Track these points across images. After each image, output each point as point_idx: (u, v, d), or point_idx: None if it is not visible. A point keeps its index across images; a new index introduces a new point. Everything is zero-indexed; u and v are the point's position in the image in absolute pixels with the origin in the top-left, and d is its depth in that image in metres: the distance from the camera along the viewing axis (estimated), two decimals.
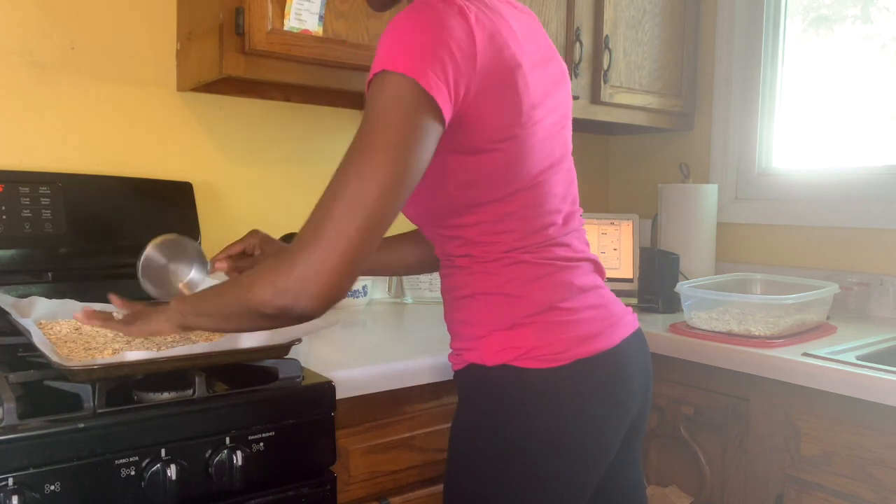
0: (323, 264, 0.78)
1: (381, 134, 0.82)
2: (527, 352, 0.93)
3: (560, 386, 0.93)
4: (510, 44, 0.91)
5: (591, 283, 1.01)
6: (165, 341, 1.10)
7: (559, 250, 0.99)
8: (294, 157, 1.81)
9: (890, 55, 1.91)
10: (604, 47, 1.89)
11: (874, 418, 1.22)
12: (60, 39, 1.48)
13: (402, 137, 0.81)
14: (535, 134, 0.95)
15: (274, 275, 0.80)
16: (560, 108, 1.02)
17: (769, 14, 2.09)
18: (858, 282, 1.78)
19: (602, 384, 0.96)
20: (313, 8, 1.41)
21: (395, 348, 1.33)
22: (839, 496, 1.28)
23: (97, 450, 0.88)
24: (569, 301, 0.97)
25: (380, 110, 0.83)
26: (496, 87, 0.89)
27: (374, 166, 0.80)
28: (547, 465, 0.94)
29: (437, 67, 0.83)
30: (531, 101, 0.93)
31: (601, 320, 0.99)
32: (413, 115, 0.82)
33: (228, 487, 0.96)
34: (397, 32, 0.85)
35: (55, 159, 1.49)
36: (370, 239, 0.80)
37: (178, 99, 1.63)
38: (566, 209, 1.02)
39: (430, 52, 0.83)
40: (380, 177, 0.80)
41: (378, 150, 0.81)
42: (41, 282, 1.38)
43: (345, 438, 1.14)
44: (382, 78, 0.84)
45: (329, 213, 0.81)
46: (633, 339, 1.03)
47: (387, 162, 0.80)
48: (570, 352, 0.94)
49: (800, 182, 2.00)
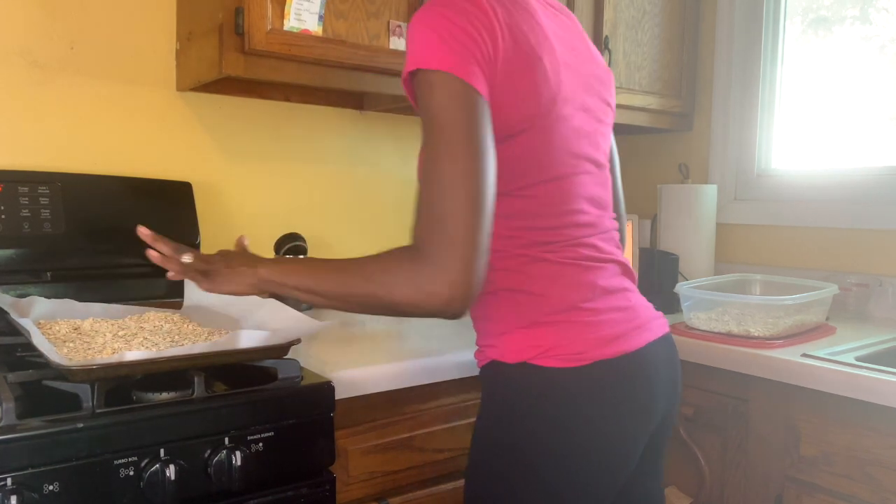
0: (464, 264, 0.82)
1: (451, 134, 0.85)
2: (546, 350, 0.93)
3: (579, 386, 0.93)
4: (530, 38, 0.92)
5: (617, 286, 1.01)
6: (164, 342, 1.09)
7: (584, 250, 0.99)
8: (294, 157, 1.81)
9: (889, 56, 1.92)
10: (604, 48, 1.89)
11: (873, 419, 1.22)
12: (60, 39, 1.48)
13: (468, 130, 0.85)
14: (557, 130, 0.95)
15: (417, 276, 0.83)
16: (596, 113, 1.03)
17: (768, 15, 2.09)
18: (857, 282, 1.78)
19: (622, 387, 0.96)
20: (313, 8, 1.41)
21: (395, 349, 1.33)
22: (838, 497, 1.28)
23: (96, 450, 0.88)
24: (591, 301, 0.97)
25: (438, 112, 0.86)
26: (513, 78, 0.90)
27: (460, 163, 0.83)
28: (561, 466, 0.93)
29: (470, 58, 0.86)
30: (551, 95, 0.94)
31: (625, 322, 0.98)
32: (467, 107, 0.85)
33: (227, 488, 0.96)
34: (424, 28, 0.88)
35: (54, 159, 1.49)
36: (489, 231, 0.84)
37: (177, 99, 1.63)
38: (595, 211, 1.02)
39: (460, 43, 0.86)
40: (471, 171, 0.83)
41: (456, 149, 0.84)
42: (40, 281, 1.38)
43: (344, 439, 1.14)
44: (424, 78, 0.87)
45: (444, 215, 0.83)
46: (659, 344, 1.02)
47: (467, 155, 0.84)
48: (591, 352, 0.94)
49: (799, 183, 2.00)
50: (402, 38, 1.54)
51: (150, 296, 1.48)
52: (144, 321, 1.22)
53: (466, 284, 0.81)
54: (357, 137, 1.91)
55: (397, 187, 1.99)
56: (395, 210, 1.99)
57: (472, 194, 0.82)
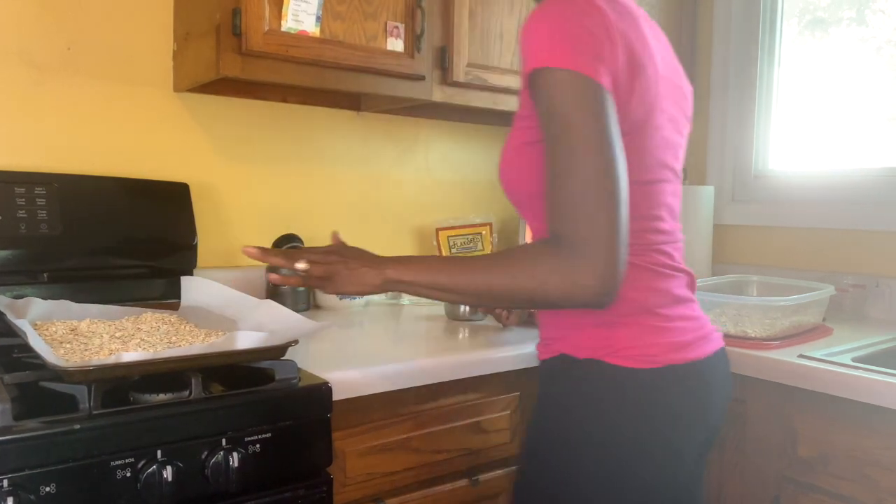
0: (612, 255, 0.84)
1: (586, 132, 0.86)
2: (618, 350, 0.95)
3: (650, 388, 0.96)
4: (636, 46, 0.94)
5: (685, 296, 1.03)
6: (161, 343, 1.09)
7: (660, 257, 1.01)
8: (291, 158, 1.81)
9: (885, 57, 1.92)
10: None
11: (870, 420, 1.22)
12: (57, 40, 1.48)
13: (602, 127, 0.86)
14: (651, 137, 0.97)
15: (569, 269, 0.85)
16: (678, 125, 1.05)
17: (765, 16, 2.09)
18: (854, 283, 1.78)
19: (690, 393, 0.98)
20: (310, 9, 1.41)
21: (392, 350, 1.33)
22: (836, 497, 1.28)
23: (93, 451, 0.88)
24: (665, 308, 0.99)
25: (570, 111, 0.87)
26: (622, 82, 0.92)
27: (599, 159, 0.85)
28: (624, 462, 0.95)
29: (596, 57, 0.88)
30: (650, 104, 0.95)
31: (693, 331, 1.01)
32: (599, 104, 0.87)
33: (225, 489, 0.96)
34: (547, 27, 0.89)
35: (51, 159, 1.48)
36: (628, 223, 0.86)
37: (174, 99, 1.63)
38: (671, 220, 1.04)
39: (584, 43, 0.88)
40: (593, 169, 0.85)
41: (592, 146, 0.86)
42: (37, 282, 1.38)
43: (341, 440, 1.14)
44: (550, 76, 0.87)
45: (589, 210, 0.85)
46: (719, 356, 1.05)
47: (604, 151, 0.86)
48: (663, 357, 0.96)
49: (796, 184, 2.01)
50: (399, 38, 1.54)
51: (146, 297, 1.48)
52: (141, 322, 1.22)
53: (614, 276, 0.84)
54: (354, 138, 1.91)
55: (394, 188, 1.99)
56: (391, 210, 1.99)
57: (612, 188, 0.85)
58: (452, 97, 1.66)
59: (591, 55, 0.88)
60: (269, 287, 1.66)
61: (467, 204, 2.13)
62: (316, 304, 1.75)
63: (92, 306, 1.28)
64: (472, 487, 1.30)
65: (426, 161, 2.05)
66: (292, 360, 1.08)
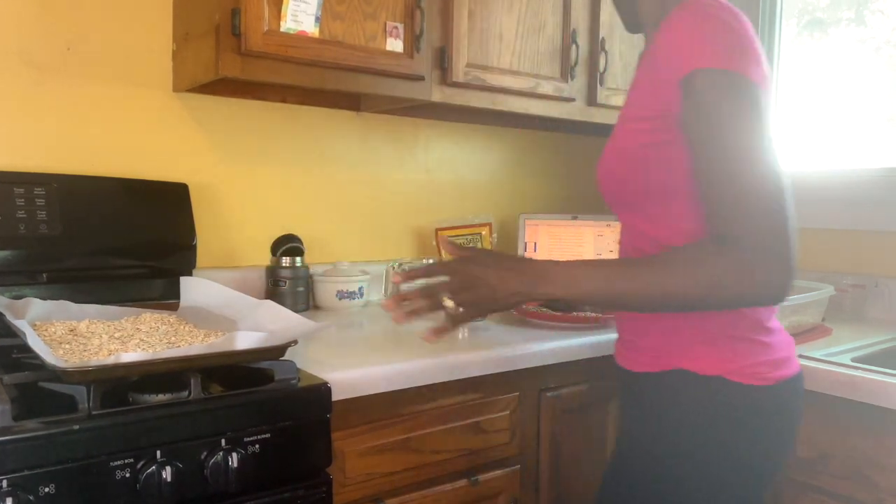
0: (791, 253, 0.86)
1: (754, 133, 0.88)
2: (740, 367, 0.96)
3: (770, 404, 0.98)
4: (762, 59, 0.95)
5: (775, 310, 1.04)
6: (160, 343, 1.09)
7: None
8: (290, 159, 1.81)
9: (885, 58, 1.92)
10: (600, 49, 1.89)
11: (870, 420, 1.23)
12: (57, 40, 1.48)
13: (765, 128, 0.89)
14: None
15: (756, 271, 0.86)
16: None
17: (764, 17, 2.09)
18: (854, 283, 1.78)
19: (795, 406, 1.02)
20: (310, 9, 1.41)
21: (392, 350, 1.33)
22: (835, 498, 1.28)
23: (92, 451, 0.88)
24: (770, 322, 1.01)
25: (735, 112, 0.89)
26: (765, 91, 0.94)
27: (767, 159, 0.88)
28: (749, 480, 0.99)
29: (752, 60, 0.90)
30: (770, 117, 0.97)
31: (787, 347, 1.03)
32: (760, 106, 0.90)
33: (224, 489, 0.96)
34: (701, 29, 0.90)
35: (50, 160, 1.48)
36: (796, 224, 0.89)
37: (174, 100, 1.63)
38: None
39: (741, 46, 0.90)
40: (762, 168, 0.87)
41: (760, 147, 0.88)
42: (36, 283, 1.38)
43: (341, 440, 1.14)
44: (711, 77, 0.89)
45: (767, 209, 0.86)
46: None
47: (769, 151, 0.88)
48: (773, 373, 0.98)
49: (795, 184, 1.99)
50: (398, 39, 1.54)
51: (146, 297, 1.48)
52: (141, 323, 1.22)
53: (792, 273, 0.86)
54: (353, 139, 1.91)
55: (394, 188, 1.99)
56: (391, 211, 1.99)
57: (781, 188, 0.87)
58: (452, 97, 1.66)
59: (752, 59, 0.90)
60: (269, 287, 1.66)
61: (467, 204, 2.13)
62: (315, 304, 1.75)
63: (91, 307, 1.28)
64: (471, 487, 1.30)
65: (426, 161, 2.05)
66: (292, 361, 1.08)
